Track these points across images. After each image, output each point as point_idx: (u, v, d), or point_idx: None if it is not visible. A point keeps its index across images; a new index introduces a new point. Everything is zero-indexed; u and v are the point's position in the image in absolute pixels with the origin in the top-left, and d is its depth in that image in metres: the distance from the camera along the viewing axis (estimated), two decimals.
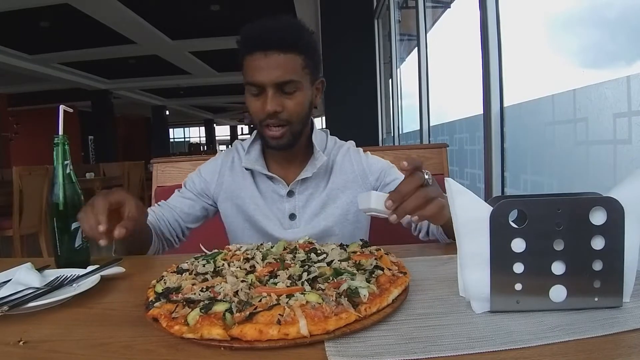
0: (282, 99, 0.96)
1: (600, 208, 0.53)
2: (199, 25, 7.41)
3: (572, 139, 1.34)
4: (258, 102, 0.98)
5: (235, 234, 1.13)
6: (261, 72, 0.94)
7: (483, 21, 1.64)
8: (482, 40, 1.65)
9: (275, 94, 0.95)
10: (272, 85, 0.95)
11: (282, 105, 0.96)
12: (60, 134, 0.88)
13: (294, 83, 0.96)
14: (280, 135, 0.99)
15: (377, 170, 1.12)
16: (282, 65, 0.94)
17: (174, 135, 23.97)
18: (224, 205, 1.13)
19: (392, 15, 4.08)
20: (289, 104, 0.97)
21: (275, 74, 0.94)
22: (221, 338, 0.48)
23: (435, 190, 0.74)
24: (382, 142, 4.73)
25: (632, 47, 1.21)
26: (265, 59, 0.94)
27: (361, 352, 0.46)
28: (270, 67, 0.94)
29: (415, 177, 0.71)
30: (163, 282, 0.64)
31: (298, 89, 0.97)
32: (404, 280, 0.61)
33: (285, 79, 0.95)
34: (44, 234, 4.07)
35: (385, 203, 0.71)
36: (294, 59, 0.96)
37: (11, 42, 7.47)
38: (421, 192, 0.71)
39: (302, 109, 1.00)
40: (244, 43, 0.98)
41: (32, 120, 11.68)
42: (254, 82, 0.96)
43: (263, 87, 0.95)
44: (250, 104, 1.00)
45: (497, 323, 0.52)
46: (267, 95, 0.95)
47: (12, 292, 0.65)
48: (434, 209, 0.73)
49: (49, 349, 0.51)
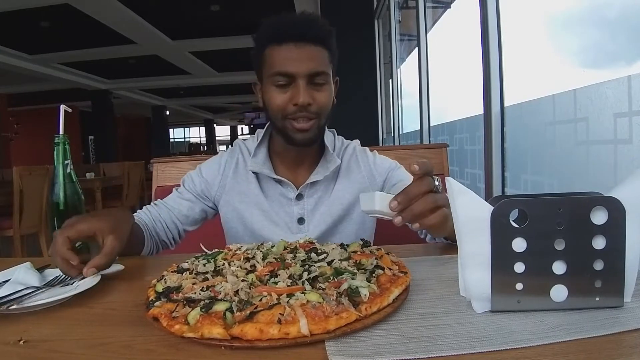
0: (312, 91, 0.94)
1: (602, 207, 0.52)
2: (199, 26, 7.41)
3: (572, 138, 1.34)
4: (285, 94, 0.94)
5: (235, 240, 1.08)
6: (293, 62, 0.92)
7: (483, 21, 1.64)
8: (483, 40, 1.65)
9: (307, 85, 0.93)
10: (305, 76, 0.93)
11: (312, 98, 0.94)
12: (60, 134, 0.87)
13: (325, 75, 0.95)
14: (309, 127, 0.96)
15: (384, 171, 1.10)
16: (314, 56, 0.93)
17: (174, 135, 23.97)
18: (225, 210, 1.09)
19: (393, 15, 4.08)
20: (318, 97, 0.95)
21: (309, 64, 0.92)
22: (222, 337, 0.48)
23: (444, 199, 0.70)
24: (382, 142, 4.73)
25: (632, 47, 1.21)
26: (297, 50, 0.92)
27: (362, 351, 0.46)
28: (302, 57, 0.92)
29: (425, 180, 0.68)
30: (163, 282, 0.64)
31: (327, 82, 0.96)
32: (405, 280, 0.61)
33: (317, 70, 0.93)
34: (44, 234, 4.07)
35: (390, 204, 0.68)
36: (323, 52, 0.95)
37: (11, 42, 7.47)
38: (430, 196, 0.68)
39: (330, 103, 0.99)
40: (270, 34, 0.96)
41: (32, 120, 11.69)
42: (284, 72, 0.93)
43: (294, 77, 0.93)
44: (274, 97, 0.95)
45: (497, 323, 0.52)
46: (298, 87, 0.93)
47: (12, 292, 0.65)
48: (438, 218, 0.70)
49: (49, 349, 0.51)
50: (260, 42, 0.97)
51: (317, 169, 1.05)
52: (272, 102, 0.96)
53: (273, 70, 0.94)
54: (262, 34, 0.97)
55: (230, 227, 1.10)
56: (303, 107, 0.94)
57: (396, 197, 0.68)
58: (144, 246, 0.99)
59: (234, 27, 7.00)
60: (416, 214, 0.68)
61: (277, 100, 0.95)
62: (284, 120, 0.97)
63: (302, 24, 0.94)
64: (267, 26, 0.97)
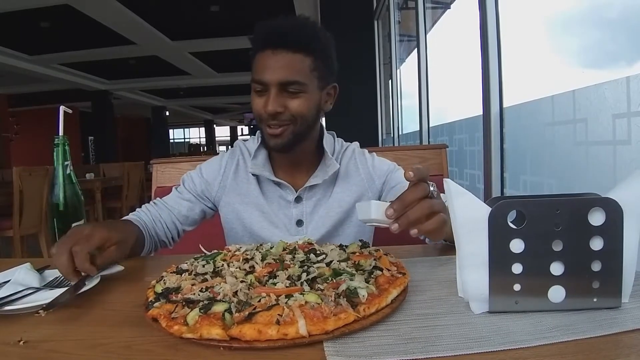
0: (284, 99, 0.94)
1: (599, 209, 0.53)
2: (198, 26, 7.42)
3: (571, 139, 1.34)
4: (261, 100, 0.95)
5: (235, 240, 1.09)
6: (267, 70, 0.93)
7: (483, 22, 1.64)
8: (482, 41, 1.65)
9: (278, 93, 0.93)
10: (276, 84, 0.93)
11: (284, 106, 0.94)
12: (60, 135, 0.88)
13: (299, 84, 0.94)
14: (279, 132, 0.96)
15: (383, 173, 1.10)
16: (288, 64, 0.92)
17: (174, 136, 23.97)
18: (225, 210, 1.10)
19: (392, 16, 4.09)
20: (291, 105, 0.94)
21: (280, 73, 0.92)
22: (220, 338, 0.48)
23: (440, 204, 0.70)
24: (382, 142, 4.73)
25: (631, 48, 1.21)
26: (273, 57, 0.92)
27: (360, 352, 0.46)
28: (276, 66, 0.92)
29: (420, 187, 0.68)
30: (163, 283, 0.64)
31: (303, 90, 0.94)
32: (403, 281, 0.61)
33: (289, 79, 0.92)
34: (44, 235, 4.07)
35: (386, 212, 0.67)
36: (302, 60, 0.93)
37: (11, 43, 7.48)
38: (426, 202, 0.68)
39: (307, 112, 0.97)
40: (256, 40, 0.96)
41: (32, 121, 11.69)
42: (258, 80, 0.94)
43: (267, 85, 0.94)
44: (253, 102, 0.97)
45: (495, 323, 0.52)
46: (268, 94, 0.94)
47: (12, 292, 0.65)
48: (435, 224, 0.69)
49: (49, 349, 0.51)
50: (251, 46, 0.99)
51: (316, 173, 1.05)
52: (253, 107, 0.99)
53: (252, 77, 0.96)
54: (252, 38, 0.98)
55: (230, 228, 1.11)
56: (274, 115, 0.94)
57: (392, 204, 0.68)
58: (144, 248, 1.00)
59: (234, 27, 7.00)
60: (412, 221, 0.68)
61: (255, 105, 0.98)
62: (261, 124, 0.99)
63: (281, 31, 0.93)
64: (254, 32, 0.97)
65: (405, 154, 1.42)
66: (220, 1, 6.29)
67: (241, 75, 10.56)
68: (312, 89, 0.96)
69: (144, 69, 10.06)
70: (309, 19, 1.00)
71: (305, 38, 0.94)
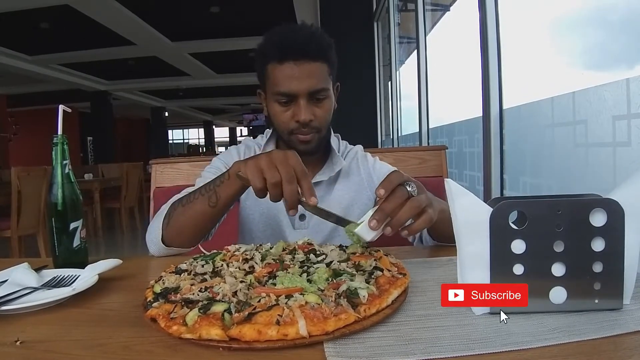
0: (312, 107, 0.98)
1: (601, 210, 0.52)
2: (198, 27, 7.41)
3: (571, 141, 1.34)
4: (288, 111, 0.99)
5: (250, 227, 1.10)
6: (294, 81, 0.95)
7: (482, 24, 1.64)
8: (482, 43, 1.65)
9: (307, 102, 0.97)
10: (305, 94, 0.96)
11: (313, 114, 0.98)
12: (59, 134, 0.87)
13: (325, 90, 0.98)
14: (311, 139, 1.01)
15: (383, 175, 1.10)
16: (313, 73, 0.96)
17: (173, 137, 23.93)
18: (245, 196, 1.09)
19: (392, 18, 4.10)
20: (319, 112, 1.00)
21: (309, 82, 0.96)
22: (220, 338, 0.48)
23: (426, 199, 0.72)
24: (381, 144, 4.73)
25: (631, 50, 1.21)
26: (297, 68, 0.95)
27: (360, 353, 0.46)
28: (302, 76, 0.95)
29: (398, 192, 0.69)
30: (162, 283, 0.64)
31: (327, 96, 1.00)
32: (404, 282, 0.61)
33: (317, 87, 0.97)
34: (42, 235, 4.06)
35: (370, 224, 0.69)
36: (322, 67, 0.98)
37: (11, 43, 7.47)
38: (414, 201, 0.70)
39: (330, 116, 1.03)
40: (271, 51, 0.98)
41: (31, 121, 11.68)
42: (285, 92, 0.97)
43: (295, 96, 0.97)
44: (278, 114, 1.00)
45: (496, 324, 0.51)
46: (299, 105, 0.97)
47: (9, 292, 0.65)
48: (422, 225, 0.72)
49: (46, 349, 0.50)
50: (262, 57, 1.00)
51: (323, 170, 1.10)
52: (277, 118, 1.02)
53: (275, 89, 0.98)
54: (264, 49, 1.00)
55: (246, 215, 1.12)
56: (305, 124, 0.98)
57: (373, 216, 0.69)
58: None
59: (233, 28, 7.01)
60: (403, 221, 0.70)
61: (281, 117, 1.01)
62: (289, 135, 1.02)
63: (301, 42, 0.96)
64: (268, 42, 0.99)
65: (405, 156, 1.42)
66: (220, 2, 6.29)
67: (240, 76, 10.56)
68: (331, 92, 1.02)
69: (143, 70, 10.06)
70: (313, 25, 1.04)
71: (323, 47, 0.98)
